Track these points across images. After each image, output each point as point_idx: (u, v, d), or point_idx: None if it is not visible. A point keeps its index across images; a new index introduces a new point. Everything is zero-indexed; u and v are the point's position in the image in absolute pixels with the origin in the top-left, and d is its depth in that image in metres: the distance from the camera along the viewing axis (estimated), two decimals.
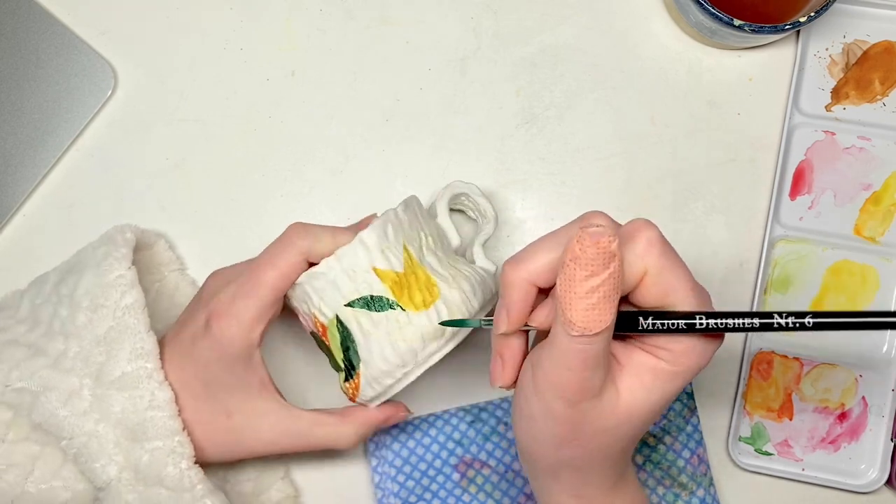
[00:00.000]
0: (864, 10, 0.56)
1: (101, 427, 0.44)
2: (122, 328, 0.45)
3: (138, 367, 0.44)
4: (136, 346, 0.44)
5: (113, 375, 0.44)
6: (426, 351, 0.44)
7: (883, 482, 0.53)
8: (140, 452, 0.43)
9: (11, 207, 0.54)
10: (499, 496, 0.51)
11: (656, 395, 0.38)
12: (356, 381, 0.45)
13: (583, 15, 0.56)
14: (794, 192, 0.55)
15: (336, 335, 0.45)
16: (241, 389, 0.45)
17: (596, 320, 0.34)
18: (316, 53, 0.56)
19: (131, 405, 0.43)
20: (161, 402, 0.43)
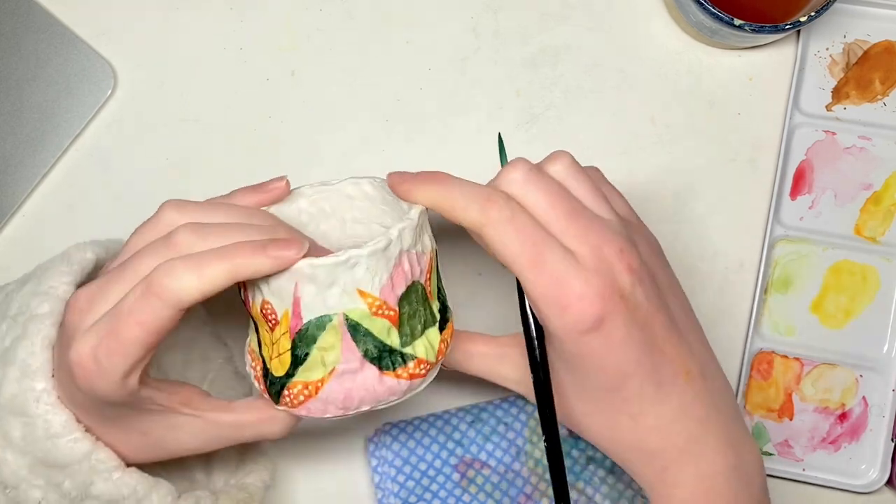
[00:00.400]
0: (865, 10, 0.56)
1: (8, 454, 0.39)
2: (21, 338, 0.39)
3: (25, 388, 0.38)
4: (25, 362, 0.38)
5: (5, 397, 0.38)
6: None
7: (883, 482, 0.53)
8: (60, 477, 0.39)
9: (11, 207, 0.54)
10: (499, 496, 0.51)
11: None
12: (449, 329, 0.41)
13: (583, 15, 0.56)
14: (795, 192, 0.55)
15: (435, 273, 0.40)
16: (145, 416, 0.40)
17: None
18: (316, 53, 0.56)
19: (29, 433, 0.38)
20: (58, 429, 0.38)
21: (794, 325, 0.54)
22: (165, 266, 0.35)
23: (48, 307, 0.39)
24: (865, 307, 0.54)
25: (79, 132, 0.55)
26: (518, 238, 0.36)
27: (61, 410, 0.38)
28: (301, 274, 0.36)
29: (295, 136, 0.55)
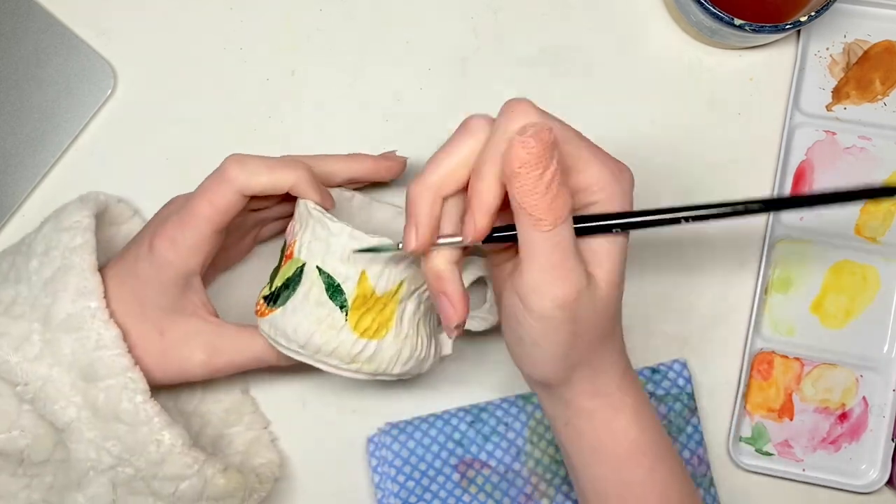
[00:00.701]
0: (865, 10, 0.56)
1: (54, 371, 0.44)
2: (67, 268, 0.44)
3: (82, 307, 0.44)
4: (79, 286, 0.44)
5: (59, 318, 0.44)
6: (328, 360, 0.44)
7: (883, 482, 0.53)
8: (96, 392, 0.43)
9: (11, 207, 0.54)
10: (499, 496, 0.51)
11: (621, 265, 0.40)
12: (269, 310, 0.45)
13: (583, 15, 0.56)
14: (795, 192, 0.55)
15: (290, 270, 0.44)
16: (174, 311, 0.46)
17: (562, 207, 0.36)
18: (316, 53, 0.56)
19: (80, 346, 0.43)
20: (108, 342, 0.43)
21: (794, 325, 0.54)
22: (238, 157, 0.44)
23: (81, 239, 0.45)
24: (865, 307, 0.54)
25: (79, 132, 0.55)
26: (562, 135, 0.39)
27: (113, 326, 0.44)
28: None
29: (295, 136, 0.55)
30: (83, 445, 0.44)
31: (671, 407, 0.53)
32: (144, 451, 0.44)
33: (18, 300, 0.45)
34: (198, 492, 0.45)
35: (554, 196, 0.36)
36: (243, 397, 0.53)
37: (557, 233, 0.37)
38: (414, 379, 0.54)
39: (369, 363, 0.44)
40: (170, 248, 0.44)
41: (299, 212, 0.45)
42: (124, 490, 0.45)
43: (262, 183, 0.44)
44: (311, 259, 0.44)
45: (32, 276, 0.45)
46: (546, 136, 0.36)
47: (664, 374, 0.53)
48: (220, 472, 0.45)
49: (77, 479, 0.45)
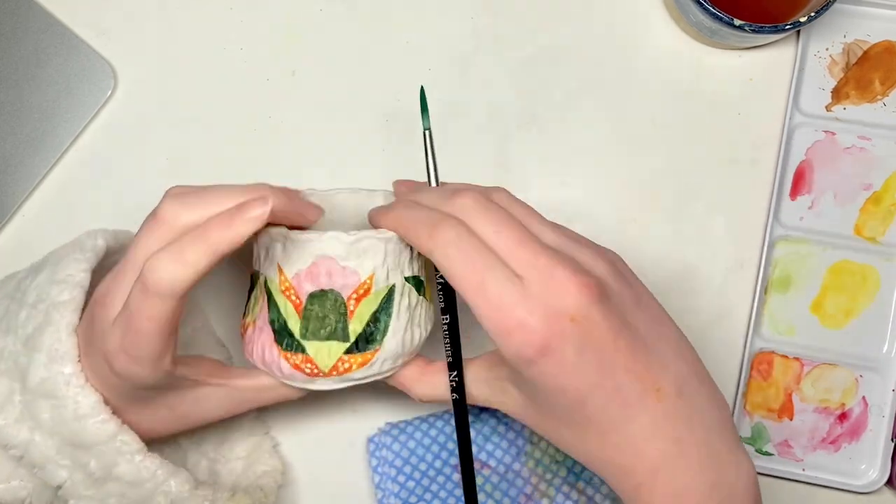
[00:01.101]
0: (865, 10, 0.56)
1: (36, 436, 0.41)
2: (45, 325, 0.41)
3: (54, 372, 0.40)
4: (52, 348, 0.40)
5: (34, 381, 0.40)
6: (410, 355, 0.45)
7: (883, 482, 0.53)
8: (86, 458, 0.41)
9: (11, 207, 0.54)
10: (499, 496, 0.51)
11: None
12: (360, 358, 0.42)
13: (583, 15, 0.56)
14: (795, 192, 0.55)
15: (375, 303, 0.42)
16: (174, 394, 0.42)
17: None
18: (316, 53, 0.56)
19: (58, 415, 0.40)
20: (87, 410, 0.40)
21: (794, 325, 0.55)
22: (151, 262, 0.36)
23: (68, 294, 0.41)
24: (865, 307, 0.54)
25: (79, 132, 0.55)
26: (462, 261, 0.36)
27: (90, 393, 0.40)
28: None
29: (295, 136, 0.55)
30: (84, 502, 0.42)
31: None
32: (153, 503, 0.42)
33: (4, 354, 0.42)
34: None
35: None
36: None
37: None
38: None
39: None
40: (133, 365, 0.38)
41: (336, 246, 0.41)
42: None
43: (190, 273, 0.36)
44: (397, 277, 0.42)
45: (19, 330, 0.42)
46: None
47: None
48: (229, 501, 0.44)
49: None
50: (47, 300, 0.42)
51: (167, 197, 0.40)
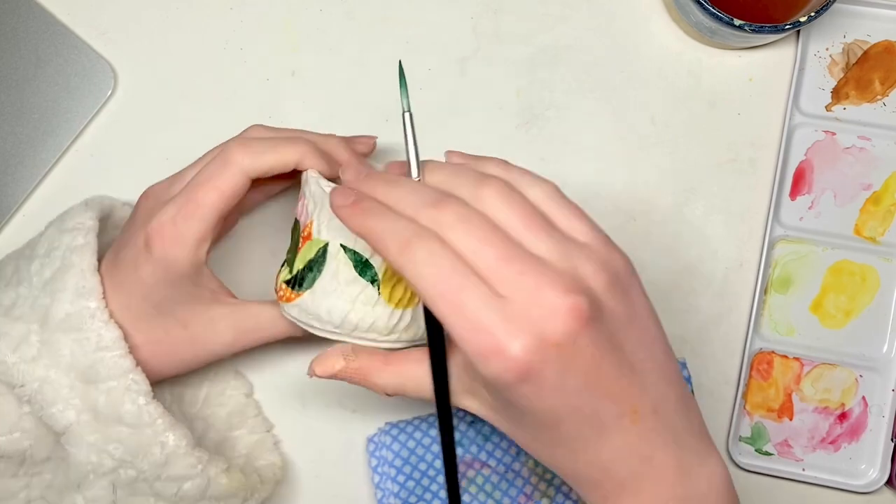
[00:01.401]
0: (865, 10, 0.56)
1: (52, 373, 0.43)
2: (66, 268, 0.44)
3: (81, 307, 0.43)
4: (78, 285, 0.43)
5: (57, 318, 0.43)
6: (365, 335, 0.44)
7: (883, 482, 0.53)
8: (96, 394, 0.43)
9: (11, 207, 0.54)
10: (499, 496, 0.51)
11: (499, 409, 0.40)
12: (291, 294, 0.44)
13: (583, 15, 0.56)
14: (795, 192, 0.55)
15: (311, 251, 0.44)
16: (192, 302, 0.45)
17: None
18: (316, 53, 0.56)
19: (79, 347, 0.43)
20: (108, 342, 0.43)
21: (793, 325, 0.55)
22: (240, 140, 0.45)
23: (82, 239, 0.45)
24: (865, 307, 0.54)
25: (79, 132, 0.55)
26: (436, 281, 0.34)
27: (113, 327, 0.43)
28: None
29: None
30: (83, 449, 0.43)
31: None
32: (148, 452, 0.43)
33: (18, 302, 0.44)
34: (201, 491, 0.45)
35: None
36: (247, 401, 0.53)
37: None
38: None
39: (407, 331, 0.44)
40: (173, 245, 0.43)
41: (311, 191, 0.44)
42: (125, 492, 0.45)
43: (269, 163, 0.44)
44: (333, 238, 0.43)
45: (33, 278, 0.45)
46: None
47: None
48: (223, 472, 0.45)
49: (76, 481, 0.45)
50: (61, 247, 0.45)
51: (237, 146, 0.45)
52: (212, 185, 0.43)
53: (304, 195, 0.45)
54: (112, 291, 0.44)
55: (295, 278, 0.44)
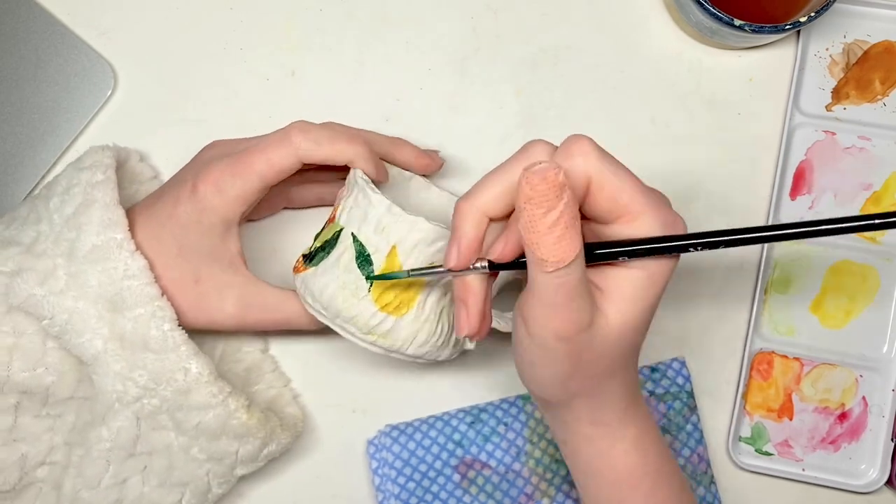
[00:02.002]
0: (865, 10, 0.56)
1: (80, 304, 0.44)
2: (89, 203, 0.45)
3: (108, 238, 0.44)
4: (104, 218, 0.45)
5: (84, 250, 0.44)
6: (346, 326, 0.45)
7: (883, 482, 0.53)
8: (123, 322, 0.44)
9: (12, 207, 0.54)
10: (499, 497, 0.51)
11: (641, 304, 0.39)
12: (304, 267, 0.46)
13: (583, 15, 0.56)
14: (795, 192, 0.55)
15: (330, 233, 0.45)
16: (212, 258, 0.47)
17: (566, 251, 0.35)
18: (316, 53, 0.56)
19: (106, 277, 0.44)
20: (135, 271, 0.44)
21: (794, 325, 0.55)
22: (305, 124, 0.46)
23: (102, 175, 0.46)
24: (865, 307, 0.54)
25: (79, 132, 0.55)
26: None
27: (139, 257, 0.45)
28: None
29: None
30: (109, 378, 0.44)
31: (671, 405, 0.53)
32: (171, 379, 0.44)
33: (40, 238, 0.45)
34: (221, 424, 0.45)
35: (558, 238, 0.35)
36: (263, 356, 0.53)
37: (561, 274, 0.36)
38: (413, 379, 0.54)
39: (385, 338, 0.44)
40: (216, 194, 0.45)
41: (348, 179, 0.46)
42: (147, 425, 0.46)
43: (323, 154, 0.45)
44: (349, 225, 0.45)
45: (53, 215, 0.46)
46: (552, 175, 0.35)
47: (663, 372, 0.53)
48: (243, 407, 0.46)
49: (102, 413, 0.45)
50: (81, 183, 0.46)
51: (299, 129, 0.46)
52: (265, 155, 0.45)
53: (346, 182, 0.47)
54: (144, 222, 0.46)
55: (310, 254, 0.46)
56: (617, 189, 0.38)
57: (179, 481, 0.47)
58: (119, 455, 0.46)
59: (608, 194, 0.38)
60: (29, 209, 0.48)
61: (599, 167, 0.37)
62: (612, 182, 0.37)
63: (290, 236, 0.54)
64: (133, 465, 0.47)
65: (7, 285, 0.45)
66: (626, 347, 0.39)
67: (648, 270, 0.38)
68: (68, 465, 0.46)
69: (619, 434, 0.42)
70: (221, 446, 0.46)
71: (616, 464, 0.42)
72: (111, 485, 0.46)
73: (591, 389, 0.40)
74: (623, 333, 0.39)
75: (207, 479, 0.47)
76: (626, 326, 0.38)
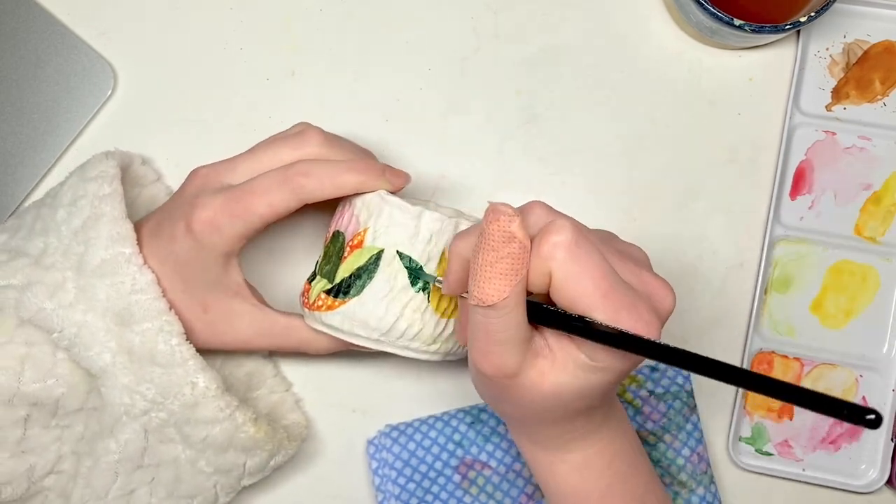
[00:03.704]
0: (865, 10, 0.56)
1: (89, 317, 0.44)
2: (97, 217, 0.45)
3: (116, 252, 0.44)
4: (112, 232, 0.45)
5: (93, 264, 0.44)
6: (409, 344, 0.45)
7: (883, 482, 0.53)
8: (131, 336, 0.44)
9: (11, 207, 0.54)
10: (500, 497, 0.51)
11: (581, 382, 0.38)
12: (333, 303, 0.45)
13: (583, 15, 0.56)
14: (795, 192, 0.55)
15: (362, 259, 0.44)
16: (217, 289, 0.47)
17: (488, 294, 0.36)
18: (316, 53, 0.56)
19: (115, 291, 0.44)
20: (143, 286, 0.44)
21: (794, 325, 0.55)
22: (305, 166, 0.45)
23: (108, 188, 0.46)
24: (865, 307, 0.54)
25: (79, 132, 0.55)
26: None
27: (147, 271, 0.45)
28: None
29: None
30: (117, 391, 0.45)
31: (671, 405, 0.53)
32: (179, 393, 0.44)
33: (48, 251, 0.45)
34: (228, 437, 0.45)
35: (488, 279, 0.36)
36: (264, 361, 0.53)
37: (484, 313, 0.37)
38: (413, 379, 0.54)
39: (447, 341, 0.45)
40: (213, 233, 0.45)
41: (366, 200, 0.45)
42: (155, 437, 0.46)
43: (327, 192, 0.45)
44: (390, 245, 0.44)
45: (61, 227, 0.46)
46: (503, 222, 0.36)
47: (663, 371, 0.53)
48: (250, 420, 0.46)
49: (110, 425, 0.45)
50: (87, 195, 0.46)
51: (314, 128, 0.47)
52: (266, 199, 0.44)
53: (353, 206, 0.46)
54: (149, 255, 0.46)
55: (339, 286, 0.45)
56: (576, 295, 0.37)
57: (187, 494, 0.47)
58: (127, 467, 0.46)
59: (566, 296, 0.37)
60: (34, 217, 0.48)
61: (563, 269, 0.37)
62: (572, 288, 0.37)
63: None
64: (140, 477, 0.47)
65: (17, 299, 0.45)
66: (561, 408, 0.40)
67: (594, 363, 0.38)
68: (76, 474, 0.46)
69: (559, 458, 0.42)
70: (229, 459, 0.46)
71: (558, 480, 0.43)
72: (119, 496, 0.47)
73: (523, 419, 0.41)
74: (556, 396, 0.39)
75: (215, 490, 0.48)
76: (561, 393, 0.39)
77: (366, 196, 0.45)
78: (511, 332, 0.37)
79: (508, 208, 0.36)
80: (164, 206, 0.48)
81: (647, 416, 0.52)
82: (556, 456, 0.42)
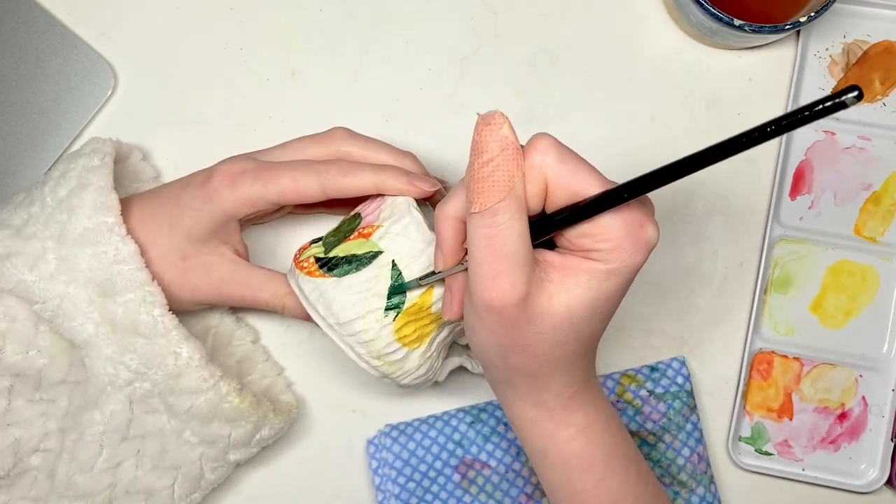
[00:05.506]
0: (865, 10, 0.56)
1: (71, 288, 0.44)
2: (83, 186, 0.45)
3: (99, 221, 0.44)
4: (97, 201, 0.45)
5: (75, 233, 0.44)
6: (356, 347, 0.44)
7: (883, 482, 0.53)
8: (114, 307, 0.44)
9: None
10: (500, 496, 0.51)
11: (593, 293, 0.38)
12: (320, 273, 0.45)
13: (583, 15, 0.56)
14: (794, 192, 0.55)
15: (361, 248, 0.44)
16: (202, 243, 0.47)
17: (491, 197, 0.36)
18: (316, 53, 0.56)
19: (97, 261, 0.44)
20: (126, 256, 0.44)
21: (793, 325, 0.55)
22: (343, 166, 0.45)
23: (98, 161, 0.46)
24: (865, 307, 0.54)
25: (79, 132, 0.55)
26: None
27: (130, 242, 0.45)
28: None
29: (295, 137, 0.55)
30: (101, 361, 0.45)
31: (671, 405, 0.53)
32: (162, 363, 0.44)
33: (31, 221, 0.45)
34: (212, 408, 0.45)
35: (489, 185, 0.36)
36: (254, 347, 0.53)
37: (488, 222, 0.36)
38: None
39: (390, 366, 0.45)
40: (228, 187, 0.45)
41: (396, 202, 0.45)
42: (140, 408, 0.46)
43: (350, 190, 0.45)
44: (390, 252, 0.44)
45: (47, 197, 0.46)
46: (495, 123, 0.36)
47: (663, 371, 0.53)
48: (235, 391, 0.46)
49: (95, 397, 0.46)
50: (77, 168, 0.46)
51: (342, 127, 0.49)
52: (292, 178, 0.45)
53: (384, 200, 0.46)
54: (142, 201, 0.46)
55: (329, 260, 0.45)
56: (577, 189, 0.37)
57: (172, 464, 0.47)
58: (112, 438, 0.46)
59: (567, 194, 0.37)
60: (25, 194, 0.48)
61: (556, 167, 0.37)
62: (570, 183, 0.37)
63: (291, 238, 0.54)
64: (126, 449, 0.47)
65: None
66: (573, 335, 0.39)
67: (607, 264, 0.38)
68: (62, 451, 0.47)
69: (563, 420, 0.42)
70: (213, 430, 0.46)
71: (562, 448, 0.42)
72: (105, 468, 0.47)
73: (533, 369, 0.40)
74: (568, 319, 0.38)
75: (200, 462, 0.48)
76: (573, 313, 0.38)
77: (398, 199, 0.45)
78: (515, 243, 0.37)
79: (497, 113, 0.36)
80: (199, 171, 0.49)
81: (647, 416, 0.52)
82: (561, 419, 0.41)
